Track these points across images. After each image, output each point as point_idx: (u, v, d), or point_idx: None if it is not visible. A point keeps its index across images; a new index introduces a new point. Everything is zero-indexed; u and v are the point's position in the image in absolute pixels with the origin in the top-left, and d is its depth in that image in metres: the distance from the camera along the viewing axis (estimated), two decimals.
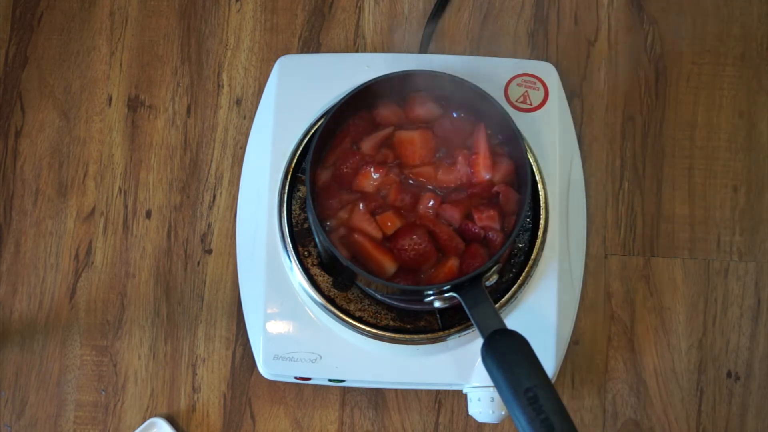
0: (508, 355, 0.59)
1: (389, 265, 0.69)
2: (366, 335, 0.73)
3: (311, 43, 0.93)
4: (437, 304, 0.67)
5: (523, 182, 0.70)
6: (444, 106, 0.74)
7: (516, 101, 0.80)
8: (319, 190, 0.72)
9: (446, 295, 0.67)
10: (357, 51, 0.92)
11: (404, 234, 0.69)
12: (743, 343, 0.86)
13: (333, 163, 0.73)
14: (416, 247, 0.69)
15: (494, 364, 0.59)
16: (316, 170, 0.72)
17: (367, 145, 0.73)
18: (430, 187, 0.72)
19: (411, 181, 0.72)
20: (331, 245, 0.68)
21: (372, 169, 0.71)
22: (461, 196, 0.71)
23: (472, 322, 0.64)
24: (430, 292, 0.67)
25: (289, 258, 0.75)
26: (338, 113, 0.71)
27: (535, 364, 0.58)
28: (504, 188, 0.71)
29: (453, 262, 0.69)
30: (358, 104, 0.74)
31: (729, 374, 0.86)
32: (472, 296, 0.65)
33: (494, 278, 0.71)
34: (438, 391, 0.86)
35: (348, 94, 0.71)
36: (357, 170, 0.72)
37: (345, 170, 0.72)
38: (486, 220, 0.70)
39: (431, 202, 0.71)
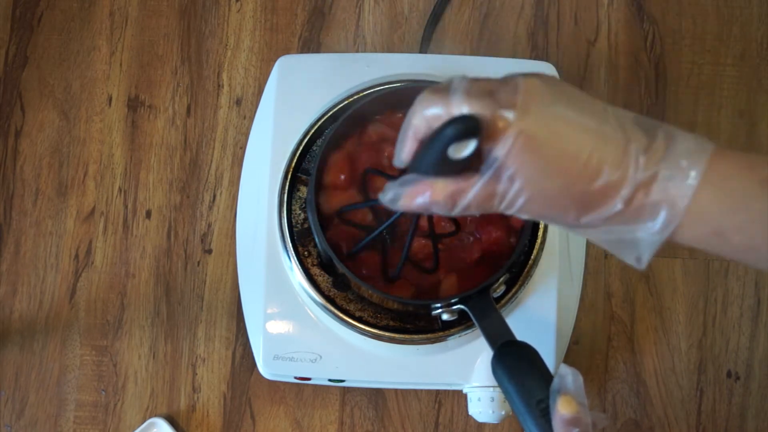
0: (519, 367, 0.59)
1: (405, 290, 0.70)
2: (366, 335, 0.73)
3: (311, 43, 0.92)
4: (445, 317, 0.68)
5: None
6: None
7: None
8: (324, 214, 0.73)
9: (454, 307, 0.67)
10: (357, 51, 0.92)
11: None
12: (743, 343, 0.86)
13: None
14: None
15: (505, 376, 0.59)
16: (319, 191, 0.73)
17: (374, 128, 0.73)
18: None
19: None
20: (341, 266, 0.68)
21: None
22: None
23: (482, 333, 0.64)
24: (438, 305, 0.67)
25: (289, 258, 0.75)
26: (339, 131, 0.72)
27: (546, 375, 0.58)
28: None
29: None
30: (361, 119, 0.74)
31: (729, 374, 0.86)
32: (481, 308, 0.65)
33: (502, 289, 0.71)
34: (438, 391, 0.85)
35: (349, 111, 0.71)
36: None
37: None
38: (495, 232, 0.70)
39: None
